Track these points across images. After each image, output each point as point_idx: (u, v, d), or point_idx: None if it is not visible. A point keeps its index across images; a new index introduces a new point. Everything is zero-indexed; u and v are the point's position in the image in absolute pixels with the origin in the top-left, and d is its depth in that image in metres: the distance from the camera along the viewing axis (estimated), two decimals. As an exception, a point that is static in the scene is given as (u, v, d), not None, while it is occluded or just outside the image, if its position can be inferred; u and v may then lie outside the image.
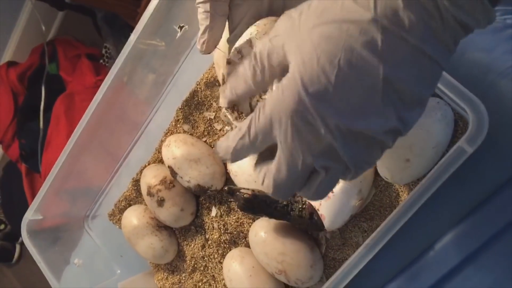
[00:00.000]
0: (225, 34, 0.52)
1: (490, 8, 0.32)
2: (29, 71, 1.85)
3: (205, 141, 0.70)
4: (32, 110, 1.79)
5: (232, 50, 0.48)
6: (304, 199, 0.57)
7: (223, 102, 0.47)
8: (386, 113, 0.34)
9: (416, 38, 0.33)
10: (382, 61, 0.33)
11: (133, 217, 0.73)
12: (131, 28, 1.85)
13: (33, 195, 1.93)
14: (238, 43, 0.48)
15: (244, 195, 0.58)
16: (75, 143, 0.68)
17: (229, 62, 0.48)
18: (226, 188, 0.61)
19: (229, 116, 0.48)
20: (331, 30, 0.34)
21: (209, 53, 0.52)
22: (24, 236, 0.70)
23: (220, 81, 0.50)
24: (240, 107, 0.49)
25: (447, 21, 0.32)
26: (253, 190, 0.59)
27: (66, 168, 0.70)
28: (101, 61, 1.96)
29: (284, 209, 0.57)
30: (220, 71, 0.65)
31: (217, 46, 0.52)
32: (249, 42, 0.47)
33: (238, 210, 0.67)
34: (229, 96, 0.43)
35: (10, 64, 1.88)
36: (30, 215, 0.70)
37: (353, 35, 0.33)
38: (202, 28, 0.49)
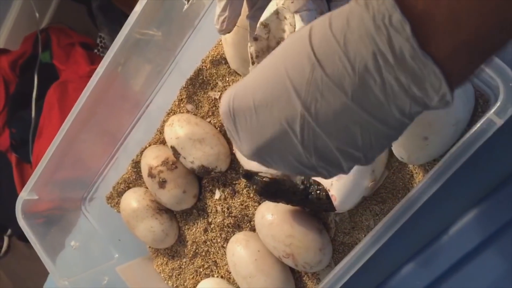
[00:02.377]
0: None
1: (443, 85, 0.27)
2: (21, 59, 1.82)
3: (209, 122, 0.68)
4: (24, 98, 1.76)
5: (258, 25, 0.46)
6: (316, 182, 0.55)
7: None
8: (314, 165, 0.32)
9: (346, 95, 0.28)
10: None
11: (132, 199, 0.70)
12: (127, 18, 1.82)
13: (23, 186, 1.90)
14: (263, 17, 0.46)
15: (264, 179, 0.56)
16: (72, 123, 0.65)
17: (256, 39, 0.46)
18: (242, 171, 0.58)
19: None
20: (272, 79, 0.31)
21: (229, 32, 0.49)
22: (19, 217, 0.67)
23: (249, 60, 0.47)
24: None
25: (389, 83, 0.27)
26: (271, 174, 0.56)
27: (62, 149, 0.67)
28: (95, 50, 1.93)
29: (303, 193, 0.55)
30: (229, 48, 0.62)
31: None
32: (277, 14, 0.45)
33: (243, 193, 0.64)
34: None
35: (2, 51, 1.84)
36: (25, 195, 0.67)
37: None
38: (221, 4, 0.46)
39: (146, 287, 0.70)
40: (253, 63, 0.47)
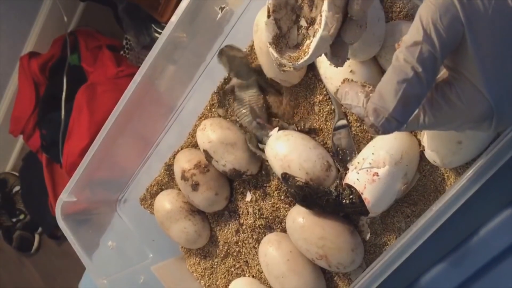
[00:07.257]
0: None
1: None
2: (50, 62, 1.86)
3: (239, 126, 0.69)
4: (54, 100, 1.80)
5: None
6: (349, 185, 0.55)
7: (268, 36, 0.46)
8: None
9: None
10: None
11: (166, 201, 0.72)
12: (152, 20, 1.83)
13: (53, 186, 1.94)
14: None
15: (297, 183, 0.57)
16: (110, 128, 0.67)
17: None
18: (282, 173, 0.59)
19: (273, 51, 0.46)
20: None
21: None
22: (59, 218, 0.69)
23: (266, 13, 0.47)
24: (283, 40, 0.47)
25: None
26: (306, 180, 0.58)
27: (100, 153, 0.69)
28: (121, 52, 1.96)
29: (336, 200, 0.56)
30: (263, 58, 0.63)
31: None
32: None
33: (274, 195, 0.66)
34: None
35: (32, 54, 1.89)
36: (64, 197, 0.69)
37: None
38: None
39: (180, 286, 0.72)
40: (268, 16, 0.47)
